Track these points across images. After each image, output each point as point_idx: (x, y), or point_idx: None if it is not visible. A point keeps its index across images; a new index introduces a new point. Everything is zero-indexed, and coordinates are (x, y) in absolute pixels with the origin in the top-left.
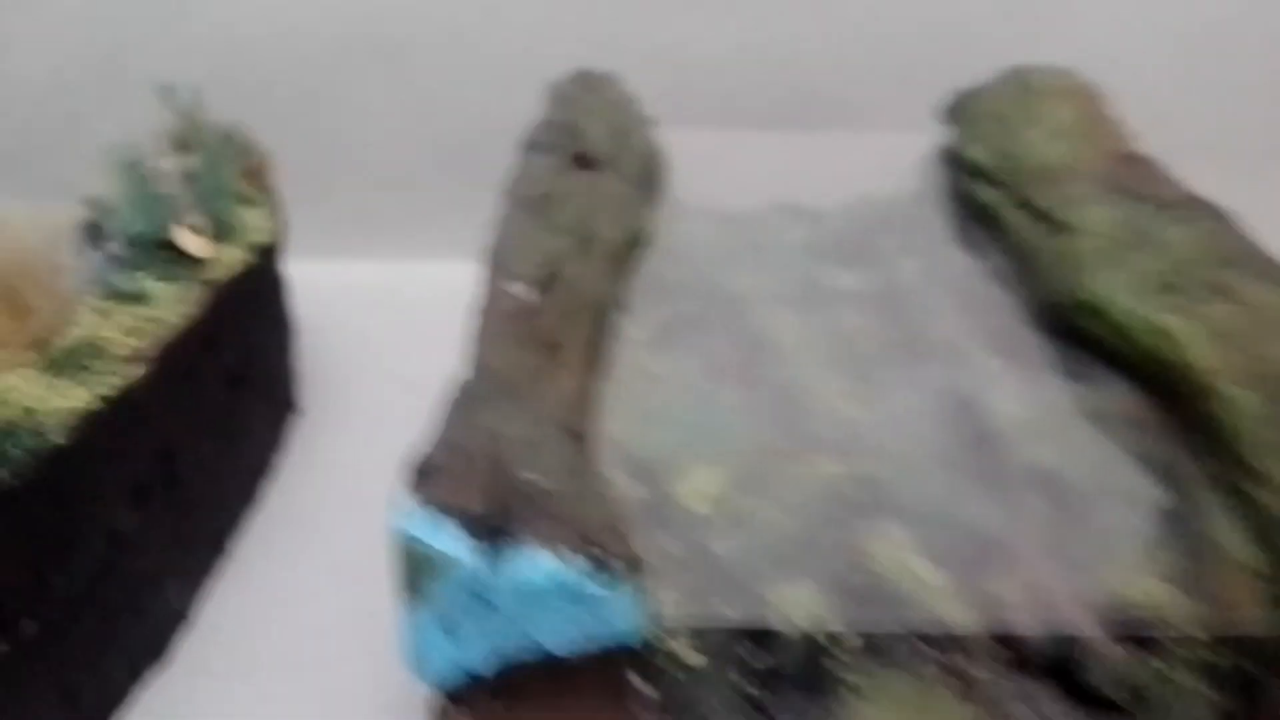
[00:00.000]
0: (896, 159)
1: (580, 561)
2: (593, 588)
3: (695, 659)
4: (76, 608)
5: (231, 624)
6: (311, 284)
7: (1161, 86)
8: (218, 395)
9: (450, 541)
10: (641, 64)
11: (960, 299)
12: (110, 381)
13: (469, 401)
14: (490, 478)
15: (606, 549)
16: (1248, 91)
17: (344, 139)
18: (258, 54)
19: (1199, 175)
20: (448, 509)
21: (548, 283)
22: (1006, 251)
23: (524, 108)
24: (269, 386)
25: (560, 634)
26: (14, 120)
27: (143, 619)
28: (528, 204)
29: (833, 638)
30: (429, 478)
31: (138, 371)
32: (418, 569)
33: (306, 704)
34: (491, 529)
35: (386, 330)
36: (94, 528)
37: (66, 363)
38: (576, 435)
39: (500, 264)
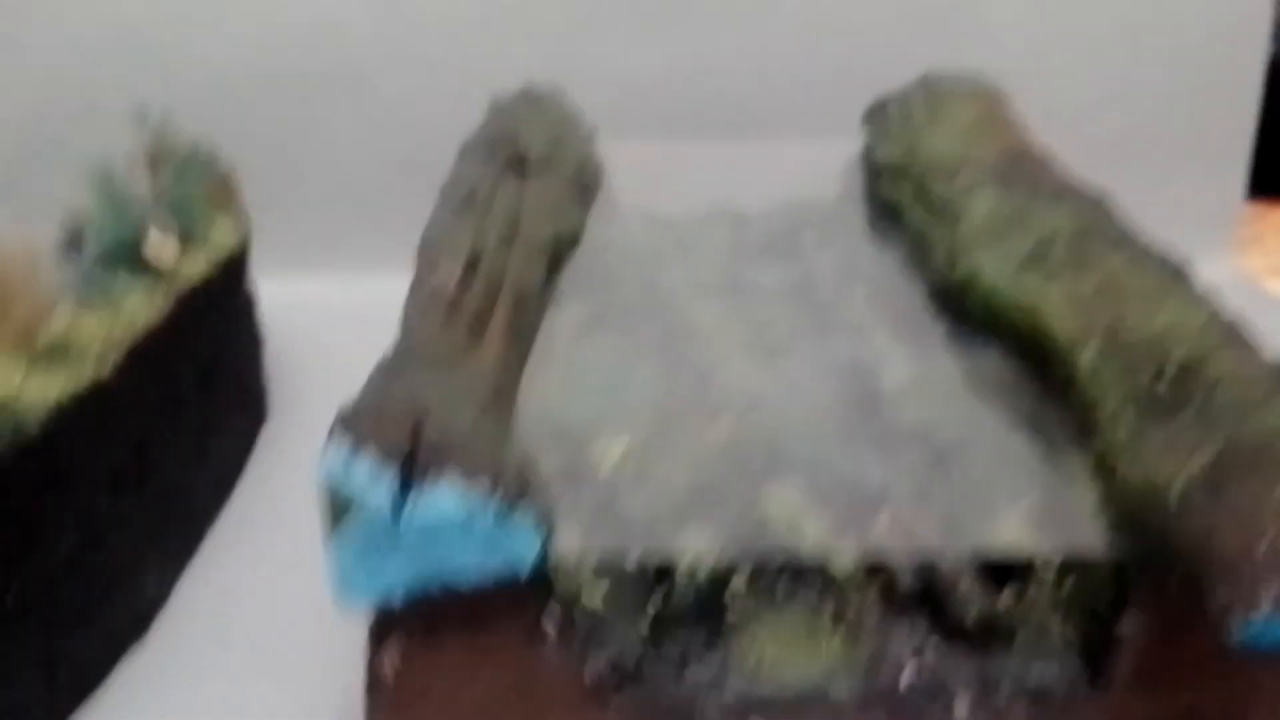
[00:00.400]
0: (824, 165)
1: (481, 494)
2: (492, 519)
3: (598, 598)
4: (57, 584)
5: (207, 607)
6: (279, 299)
7: (1069, 91)
8: (189, 393)
9: (364, 479)
10: (586, 80)
11: (867, 287)
12: (83, 374)
13: (391, 369)
14: (406, 428)
15: (508, 484)
16: (1152, 93)
17: (308, 159)
18: (227, 79)
19: (1099, 174)
20: (362, 449)
21: (471, 268)
22: (908, 241)
23: (477, 121)
24: (239, 392)
25: (465, 566)
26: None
27: (123, 599)
28: (456, 202)
29: (724, 577)
30: (349, 426)
31: (109, 365)
32: (336, 507)
33: (277, 679)
34: (402, 468)
35: (350, 341)
36: (71, 511)
37: (41, 358)
38: (492, 403)
39: (426, 253)
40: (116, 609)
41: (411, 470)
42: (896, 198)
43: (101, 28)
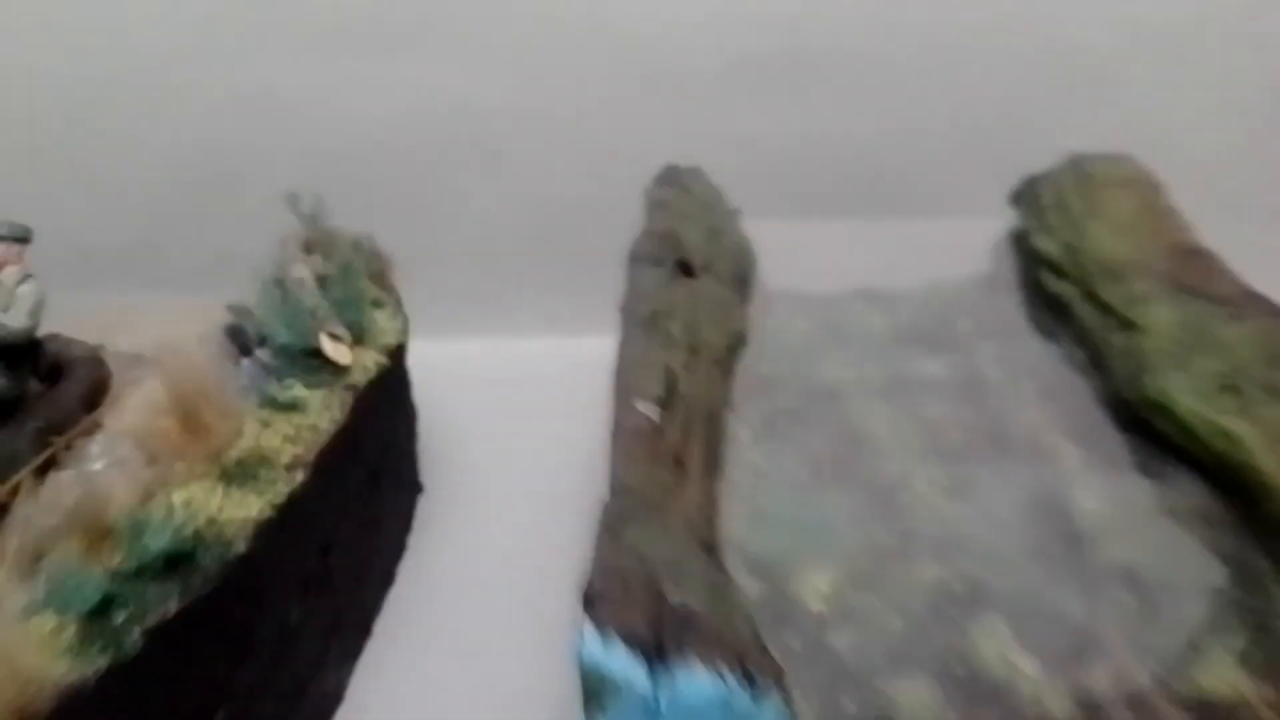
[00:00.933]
0: (968, 244)
1: (734, 677)
2: (747, 702)
3: None
4: (256, 697)
5: (380, 702)
6: (424, 364)
7: (1209, 160)
8: (361, 489)
9: (622, 663)
10: (721, 154)
11: (1038, 386)
12: (278, 488)
13: (615, 523)
14: (646, 600)
15: (755, 664)
16: None
17: (448, 229)
18: (366, 153)
19: (1247, 247)
20: (616, 632)
21: (668, 398)
22: (1077, 341)
23: (609, 191)
24: (398, 472)
25: None
26: (139, 217)
27: (306, 702)
28: (641, 321)
29: None
30: (595, 604)
31: (300, 477)
32: (596, 689)
33: None
34: (656, 650)
35: (495, 404)
36: (270, 622)
37: (239, 473)
38: (709, 547)
39: (624, 384)
40: (301, 712)
41: (660, 653)
42: (1061, 294)
43: (241, 103)
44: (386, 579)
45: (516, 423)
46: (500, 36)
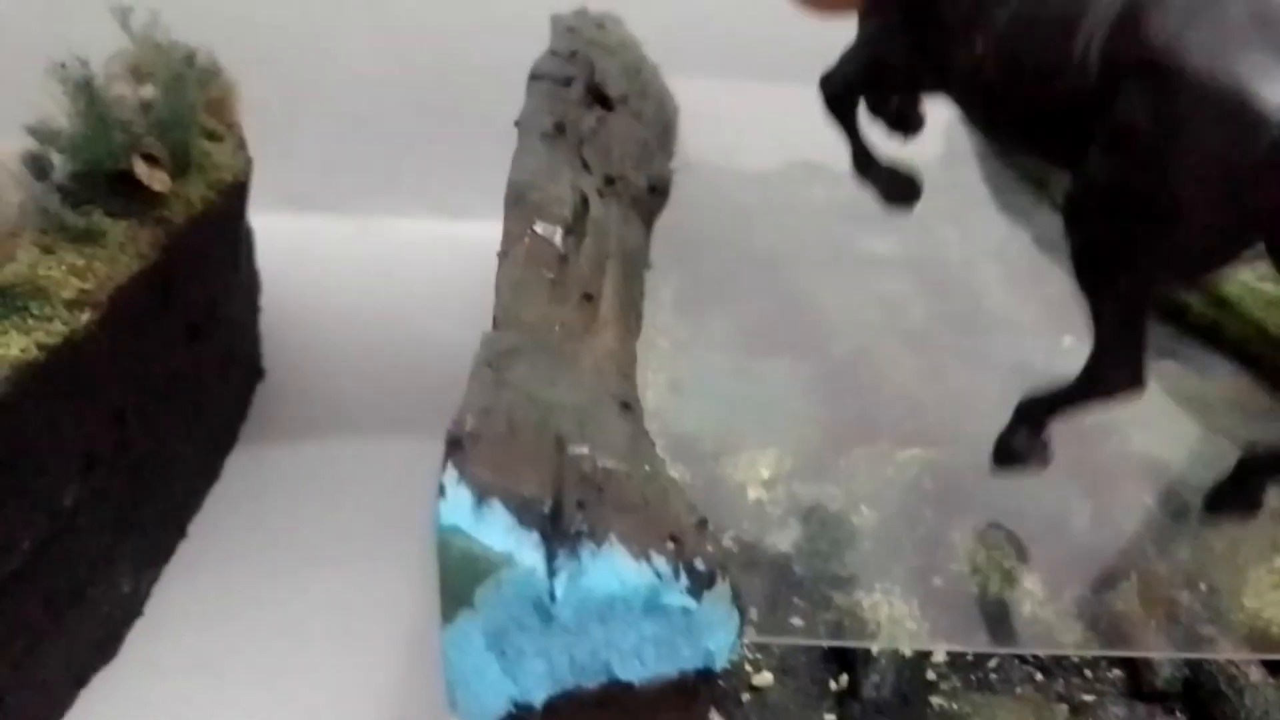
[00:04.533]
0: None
1: (666, 563)
2: (681, 597)
3: (764, 679)
4: (13, 595)
5: (190, 617)
6: (276, 237)
7: None
8: (174, 352)
9: (501, 534)
10: (640, 9)
11: (1008, 269)
12: (53, 328)
13: (502, 358)
14: (540, 449)
15: (695, 549)
16: None
17: (315, 77)
18: None
19: None
20: (494, 489)
21: (578, 223)
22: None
23: (513, 54)
24: (230, 346)
25: (635, 655)
26: None
27: (90, 610)
28: (545, 132)
29: (926, 657)
30: (466, 450)
31: (84, 318)
32: (460, 571)
33: (272, 710)
34: (554, 519)
35: (356, 288)
36: (35, 499)
37: (2, 305)
38: (626, 404)
39: (520, 200)
40: (82, 623)
41: (559, 531)
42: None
43: None
44: (209, 471)
45: (382, 312)
46: None
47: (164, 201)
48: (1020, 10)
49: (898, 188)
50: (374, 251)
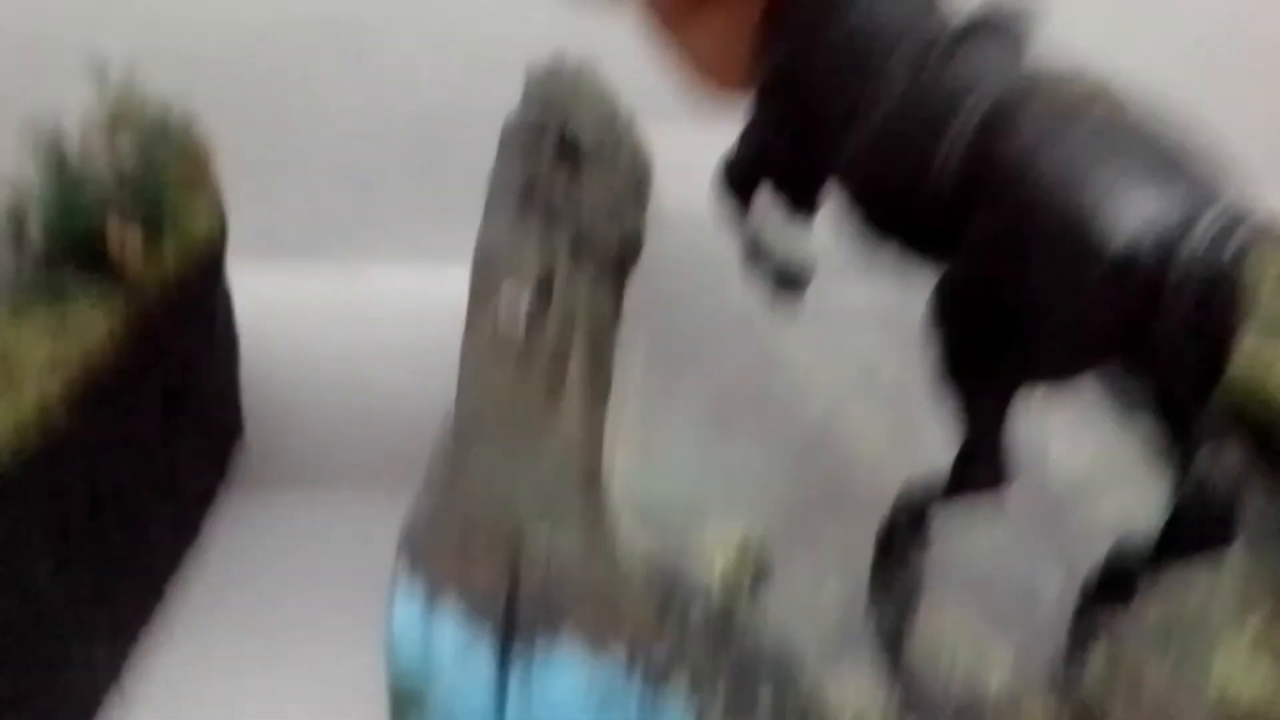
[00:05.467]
0: None
1: (623, 661)
2: (640, 696)
3: None
4: None
5: (169, 689)
6: (253, 288)
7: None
8: (151, 420)
9: (453, 636)
10: (621, 54)
11: None
12: (22, 407)
13: (459, 444)
14: (497, 547)
15: (654, 644)
16: None
17: (291, 125)
18: (197, 28)
19: None
20: (448, 589)
21: (544, 291)
22: None
23: (492, 99)
24: (208, 407)
25: None
26: None
27: (66, 686)
28: (513, 193)
29: None
30: (419, 549)
31: (56, 388)
32: (410, 676)
33: None
34: (508, 619)
35: (336, 337)
36: (3, 576)
37: None
38: (590, 480)
39: (486, 271)
40: (58, 696)
41: (513, 625)
42: None
43: None
44: (187, 532)
45: (364, 362)
46: None
47: (135, 270)
48: (893, 113)
49: (788, 277)
50: (354, 298)
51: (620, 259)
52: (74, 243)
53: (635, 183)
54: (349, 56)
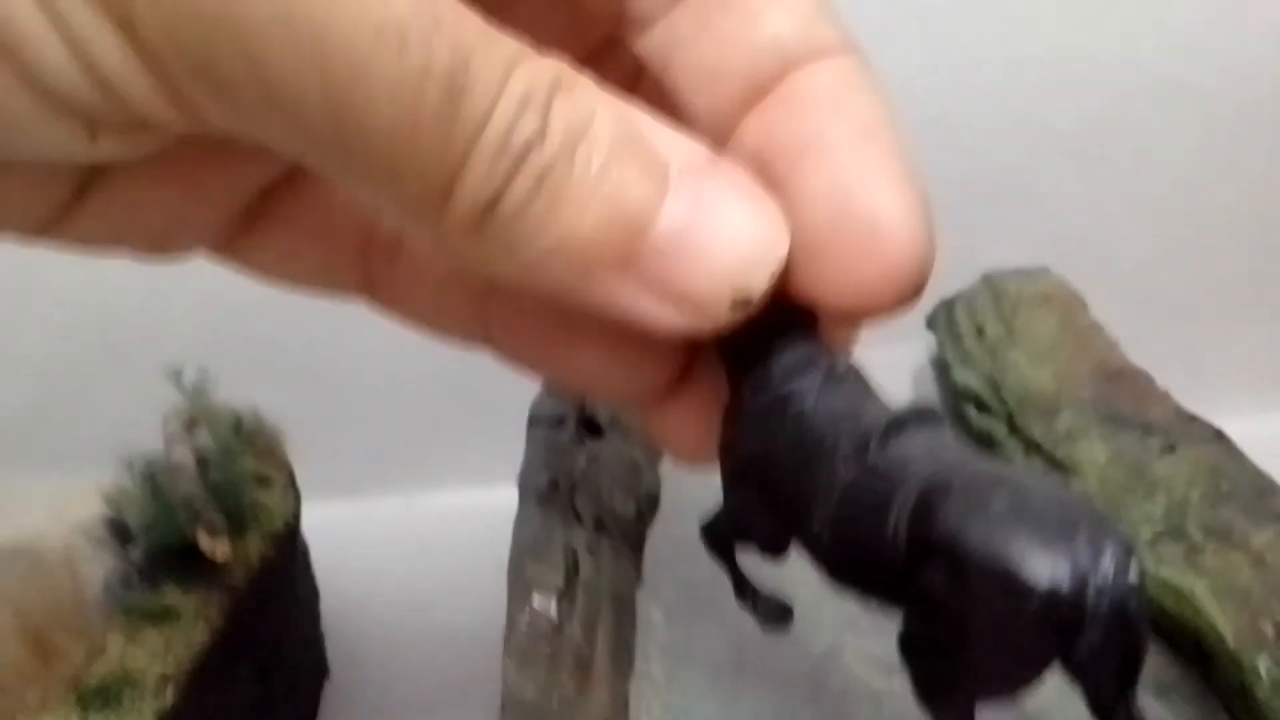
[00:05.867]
0: (888, 372)
1: None
2: None
3: None
4: None
5: None
6: (323, 528)
7: (1127, 266)
8: (249, 691)
9: None
10: None
11: None
12: (144, 712)
13: None
14: None
15: None
16: (1208, 255)
17: (342, 380)
18: (254, 315)
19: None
20: None
21: (568, 588)
22: None
23: None
24: (297, 661)
25: None
26: (17, 395)
27: None
28: (538, 495)
29: None
30: None
31: (170, 696)
32: None
33: None
34: None
35: (407, 566)
36: None
37: (98, 699)
38: None
39: (519, 574)
40: None
41: None
42: (986, 430)
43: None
44: None
45: (431, 587)
46: None
47: (226, 565)
48: (847, 492)
49: (771, 612)
50: (418, 527)
51: (639, 521)
52: (171, 553)
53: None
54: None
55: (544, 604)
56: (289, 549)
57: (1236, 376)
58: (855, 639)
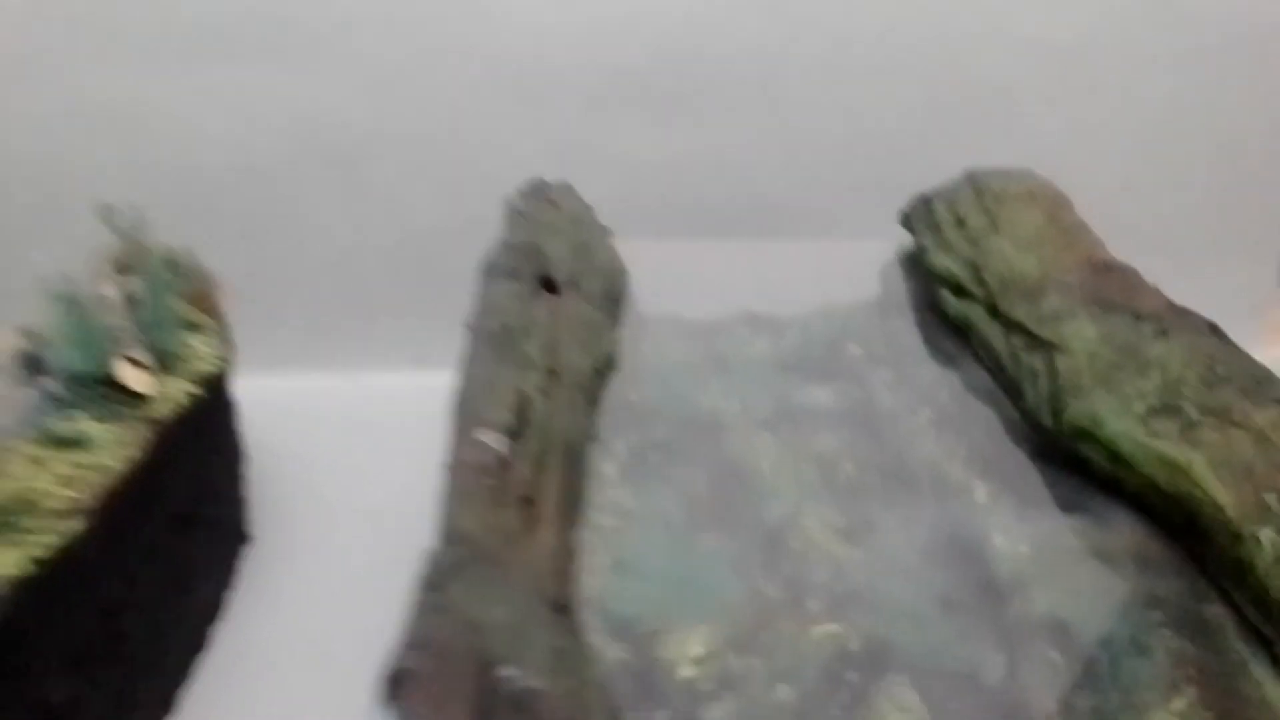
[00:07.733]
0: (857, 266)
1: None
2: None
3: None
4: None
5: None
6: (259, 401)
7: (1101, 178)
8: (165, 539)
9: None
10: (597, 171)
11: (937, 414)
12: (45, 540)
13: (439, 579)
14: (471, 680)
15: None
16: (1187, 182)
17: (295, 254)
18: (205, 169)
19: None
20: None
21: (519, 427)
22: (982, 365)
23: (476, 213)
24: (219, 520)
25: None
26: None
27: None
28: (491, 338)
29: None
30: (404, 688)
31: (76, 527)
32: None
33: None
34: None
35: (340, 446)
36: (23, 700)
37: None
38: (560, 606)
39: (466, 410)
40: None
41: None
42: (962, 314)
43: (65, 115)
44: (197, 643)
45: (366, 465)
46: (354, 44)
47: (148, 400)
48: None
49: None
50: (356, 406)
51: (594, 378)
52: (91, 382)
53: (609, 301)
54: (340, 186)
55: (489, 438)
56: (217, 398)
57: (1203, 309)
58: (817, 506)
